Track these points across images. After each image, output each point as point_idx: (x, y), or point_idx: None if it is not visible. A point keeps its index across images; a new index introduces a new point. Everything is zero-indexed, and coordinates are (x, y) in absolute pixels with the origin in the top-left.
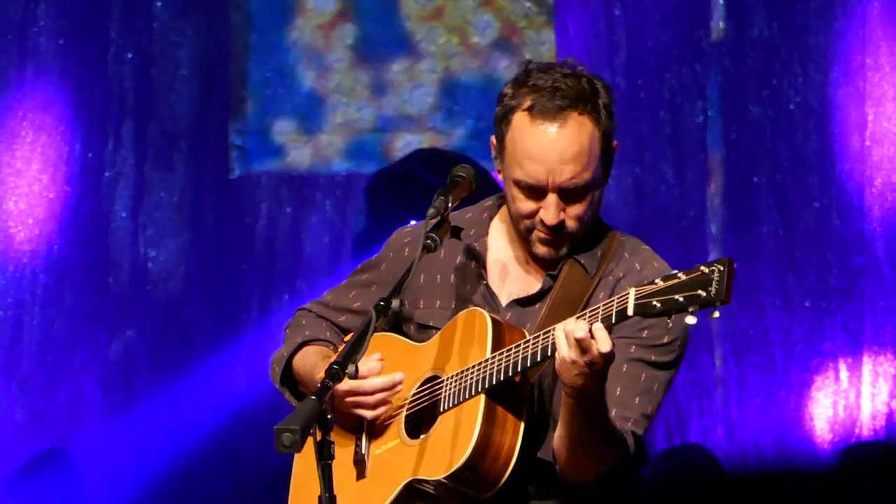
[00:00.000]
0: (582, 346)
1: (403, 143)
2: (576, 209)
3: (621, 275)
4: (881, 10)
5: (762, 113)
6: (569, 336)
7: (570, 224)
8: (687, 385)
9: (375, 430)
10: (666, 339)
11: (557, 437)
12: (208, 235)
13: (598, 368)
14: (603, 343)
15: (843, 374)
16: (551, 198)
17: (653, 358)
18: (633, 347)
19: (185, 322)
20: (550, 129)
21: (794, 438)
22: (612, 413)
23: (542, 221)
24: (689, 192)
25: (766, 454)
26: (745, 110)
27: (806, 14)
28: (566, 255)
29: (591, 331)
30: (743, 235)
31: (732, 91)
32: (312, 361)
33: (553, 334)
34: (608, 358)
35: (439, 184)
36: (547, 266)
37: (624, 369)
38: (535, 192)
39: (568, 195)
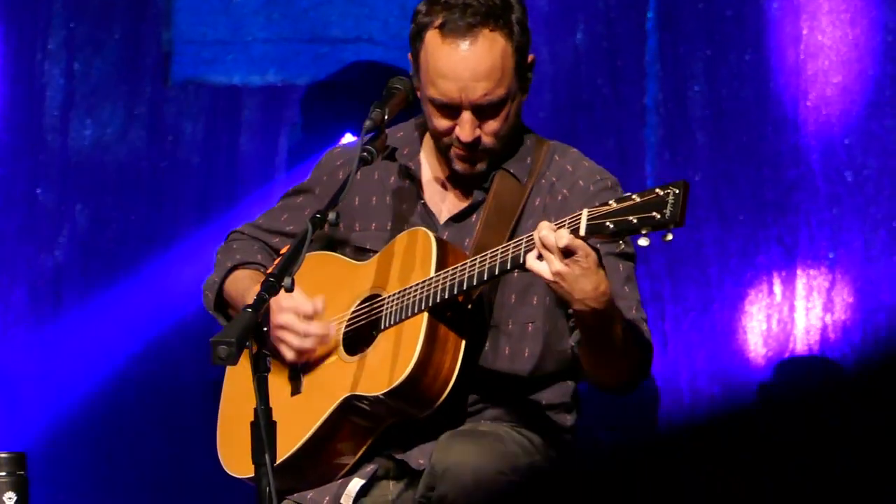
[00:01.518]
0: (551, 250)
1: (338, 54)
2: (491, 125)
3: (554, 179)
4: None
5: (698, 26)
6: (552, 249)
7: (487, 140)
8: None
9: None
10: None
11: (583, 354)
12: (141, 147)
13: (590, 265)
14: (561, 239)
15: (777, 287)
16: (465, 115)
17: (619, 250)
18: (600, 246)
19: (118, 233)
20: (461, 46)
21: (727, 353)
22: (619, 305)
23: (458, 138)
24: (625, 105)
25: (699, 368)
26: (681, 22)
27: None
28: (491, 168)
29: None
30: (678, 149)
31: (668, 3)
32: (245, 286)
33: (508, 252)
34: (584, 254)
35: (375, 95)
36: (477, 180)
37: (604, 265)
38: (450, 109)
39: (482, 112)
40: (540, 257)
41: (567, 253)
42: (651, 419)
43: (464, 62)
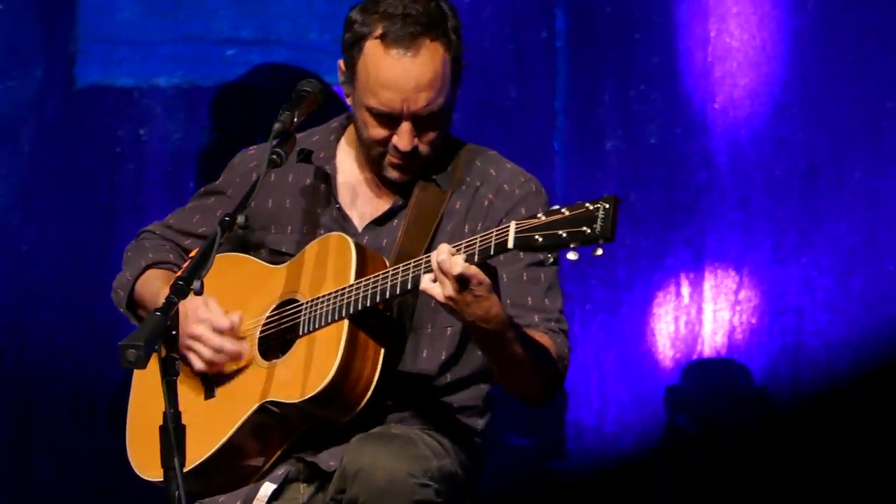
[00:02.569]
0: (460, 281)
1: (246, 56)
2: (429, 135)
3: (478, 184)
4: None
5: (606, 28)
6: (436, 272)
7: (423, 149)
8: None
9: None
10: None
11: (493, 371)
12: (49, 150)
13: (477, 298)
14: (455, 266)
15: (685, 289)
16: (405, 125)
17: (541, 258)
18: (521, 254)
19: (26, 236)
20: (404, 57)
21: (636, 355)
22: (536, 319)
23: (395, 147)
24: (534, 108)
25: (607, 370)
26: (590, 24)
27: None
28: (419, 176)
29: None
30: (588, 152)
31: (577, 6)
32: (157, 287)
33: (422, 265)
34: (478, 283)
35: (284, 98)
36: (398, 187)
37: (525, 277)
38: (390, 119)
39: (421, 122)
40: (435, 279)
41: (461, 280)
42: (560, 422)
43: (407, 73)
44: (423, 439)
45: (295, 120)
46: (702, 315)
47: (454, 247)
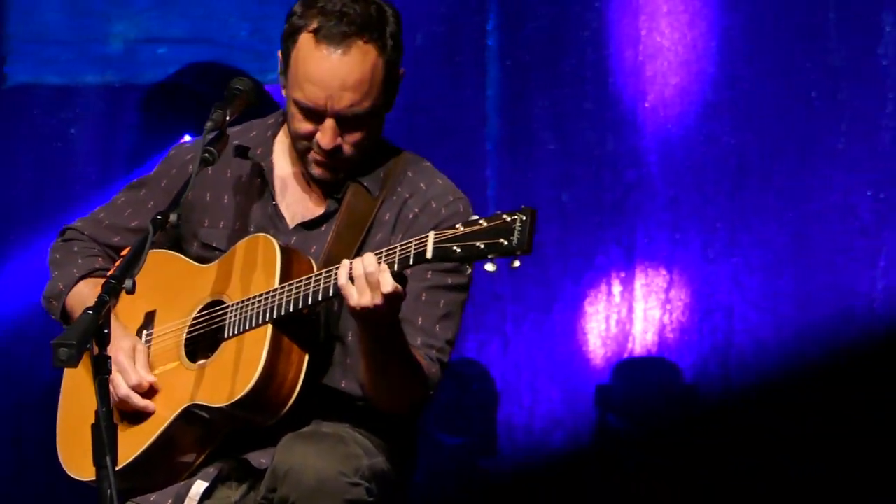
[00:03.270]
0: (372, 286)
1: (177, 55)
2: (353, 136)
3: (407, 195)
4: None
5: (538, 27)
6: (359, 279)
7: (347, 150)
8: None
9: (154, 350)
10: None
11: (363, 372)
12: None
13: (389, 308)
14: (386, 285)
15: (616, 288)
16: (328, 122)
17: (449, 281)
18: (430, 274)
19: None
20: (333, 54)
21: (567, 353)
22: (418, 342)
23: (318, 144)
24: (465, 107)
25: (539, 368)
26: (522, 24)
27: None
28: (346, 177)
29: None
30: (519, 150)
31: (509, 4)
32: (88, 297)
33: (337, 273)
34: (396, 298)
35: (215, 97)
36: (330, 188)
37: (423, 298)
38: (314, 114)
39: (345, 122)
40: (352, 280)
41: (387, 297)
42: (491, 420)
43: (334, 71)
44: (354, 438)
45: (227, 118)
46: (632, 314)
47: (375, 255)
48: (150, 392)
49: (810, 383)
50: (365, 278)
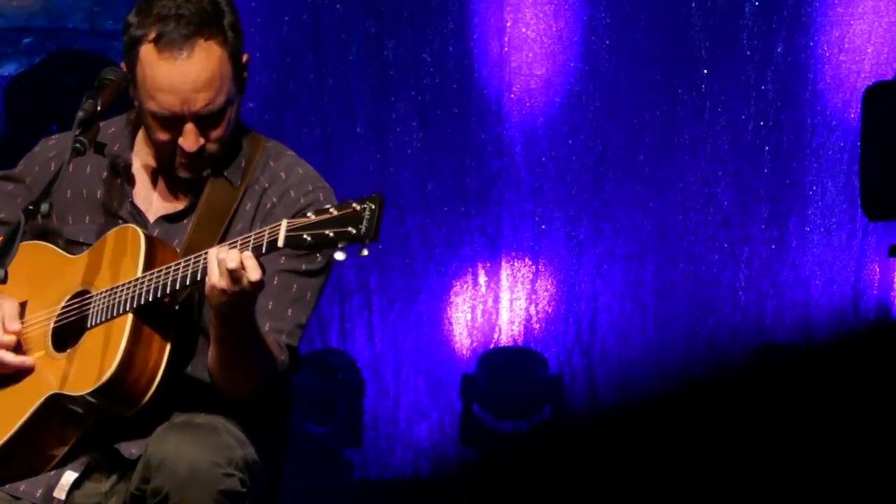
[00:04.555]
0: (233, 275)
1: (42, 44)
2: (215, 133)
3: (267, 185)
4: None
5: (401, 16)
6: (220, 265)
7: (211, 147)
8: (328, 288)
9: (23, 339)
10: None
11: (210, 356)
12: None
13: (247, 296)
14: (252, 272)
15: (482, 278)
16: (189, 126)
17: (303, 267)
18: (283, 259)
19: None
20: (178, 59)
21: (433, 343)
22: (266, 327)
23: (181, 149)
24: (332, 97)
25: (405, 359)
26: (385, 13)
27: None
28: (211, 174)
29: (241, 260)
30: (384, 139)
31: None
32: None
33: (204, 260)
34: (258, 286)
35: (81, 87)
36: (190, 182)
37: (275, 281)
38: (172, 121)
39: (204, 121)
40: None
41: (232, 274)
42: (357, 410)
43: (183, 75)
44: (227, 428)
45: (98, 108)
46: (498, 304)
47: (230, 243)
48: (16, 378)
49: (673, 372)
50: (228, 273)
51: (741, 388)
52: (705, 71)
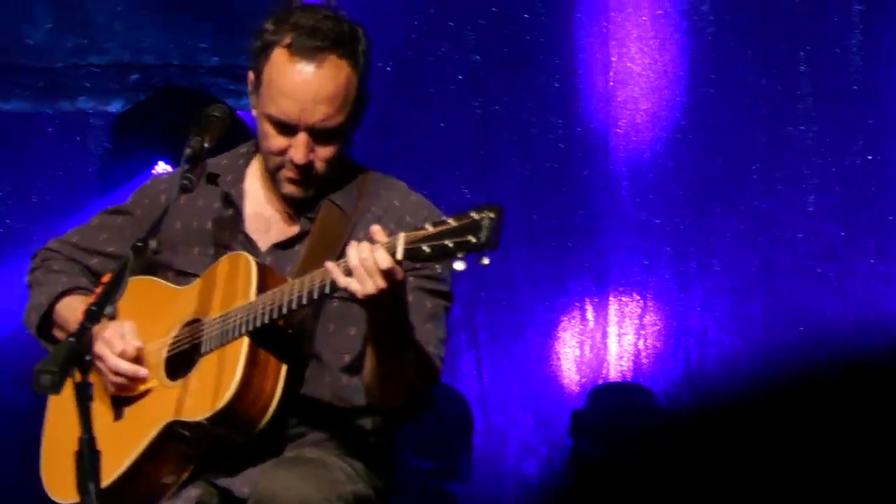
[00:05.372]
0: (370, 270)
1: (148, 80)
2: (325, 151)
3: (381, 213)
4: None
5: (504, 50)
6: (357, 269)
7: (319, 165)
8: None
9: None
10: (439, 270)
11: (371, 366)
12: None
13: (394, 288)
14: (382, 261)
15: (590, 313)
16: (301, 137)
17: (431, 287)
18: (412, 279)
19: None
20: (307, 67)
21: (541, 379)
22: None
23: (291, 160)
24: (436, 132)
25: (512, 395)
26: (490, 48)
27: None
28: (317, 195)
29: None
30: (488, 174)
31: (479, 29)
32: (76, 311)
33: (320, 280)
34: (398, 274)
35: (187, 123)
36: (302, 209)
37: (410, 299)
38: (287, 129)
39: (318, 136)
40: (353, 275)
41: (386, 274)
42: (465, 446)
43: (307, 84)
44: (336, 463)
45: (205, 145)
46: (607, 339)
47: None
48: (133, 406)
49: (781, 406)
50: (361, 265)
51: (850, 420)
52: (811, 104)
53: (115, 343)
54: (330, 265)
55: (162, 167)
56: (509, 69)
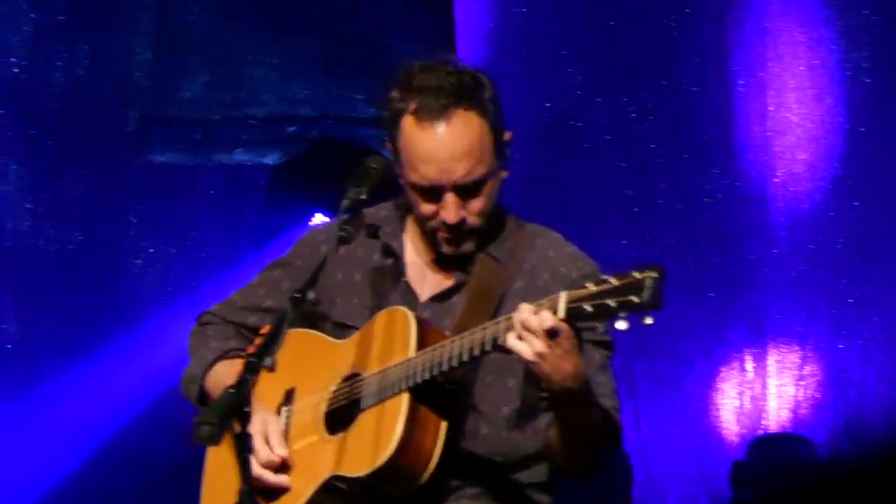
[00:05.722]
0: (533, 330)
1: (305, 132)
2: (475, 204)
3: (535, 263)
4: (781, 1)
5: (660, 101)
6: (521, 330)
7: (472, 220)
8: None
9: (294, 425)
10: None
11: (554, 434)
12: (105, 225)
13: (562, 350)
14: (546, 320)
15: (749, 364)
16: (449, 197)
17: (596, 338)
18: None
19: (85, 314)
20: (438, 128)
21: (701, 430)
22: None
23: (443, 221)
24: (589, 182)
25: (672, 445)
26: (649, 98)
27: (706, 4)
28: (472, 249)
29: (537, 315)
30: (645, 225)
31: (637, 83)
32: (224, 381)
33: (480, 335)
34: (563, 332)
35: (343, 174)
36: (459, 262)
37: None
38: (433, 192)
39: (464, 191)
40: (520, 338)
41: (551, 334)
42: (625, 496)
43: (441, 144)
44: None
45: (362, 197)
46: (766, 390)
47: (506, 318)
48: (287, 466)
49: None
50: (523, 325)
51: None
52: None
53: (261, 453)
54: (516, 321)
55: (319, 218)
56: (664, 120)
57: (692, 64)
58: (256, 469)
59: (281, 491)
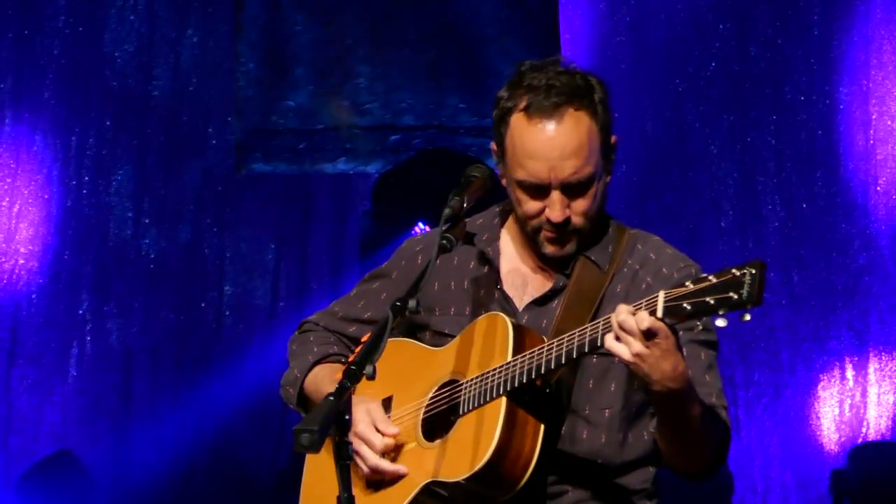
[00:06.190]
0: (630, 330)
1: (408, 141)
2: (580, 204)
3: (637, 267)
4: (885, 9)
5: (762, 108)
6: (619, 332)
7: (576, 220)
8: None
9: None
10: (704, 319)
11: (664, 437)
12: (211, 236)
13: (661, 350)
14: (642, 321)
15: (850, 372)
16: (555, 195)
17: (702, 338)
18: (682, 332)
19: (190, 324)
20: (548, 126)
21: (800, 438)
22: (697, 392)
23: (548, 220)
24: (696, 192)
25: (772, 454)
26: (750, 107)
27: (810, 12)
28: (575, 252)
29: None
30: (748, 233)
31: (739, 89)
32: (325, 384)
33: (578, 337)
34: (660, 332)
35: (446, 183)
36: (558, 266)
37: (685, 352)
38: (539, 190)
39: (571, 190)
40: (618, 339)
41: (649, 335)
42: None
43: (551, 141)
44: None
45: (464, 205)
46: (866, 398)
47: (604, 320)
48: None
49: None
50: (621, 326)
51: None
52: None
53: (375, 441)
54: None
55: (422, 228)
56: (768, 128)
57: (797, 72)
58: (372, 460)
59: (383, 497)
